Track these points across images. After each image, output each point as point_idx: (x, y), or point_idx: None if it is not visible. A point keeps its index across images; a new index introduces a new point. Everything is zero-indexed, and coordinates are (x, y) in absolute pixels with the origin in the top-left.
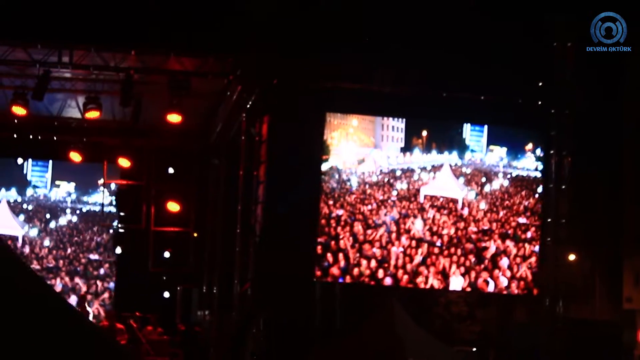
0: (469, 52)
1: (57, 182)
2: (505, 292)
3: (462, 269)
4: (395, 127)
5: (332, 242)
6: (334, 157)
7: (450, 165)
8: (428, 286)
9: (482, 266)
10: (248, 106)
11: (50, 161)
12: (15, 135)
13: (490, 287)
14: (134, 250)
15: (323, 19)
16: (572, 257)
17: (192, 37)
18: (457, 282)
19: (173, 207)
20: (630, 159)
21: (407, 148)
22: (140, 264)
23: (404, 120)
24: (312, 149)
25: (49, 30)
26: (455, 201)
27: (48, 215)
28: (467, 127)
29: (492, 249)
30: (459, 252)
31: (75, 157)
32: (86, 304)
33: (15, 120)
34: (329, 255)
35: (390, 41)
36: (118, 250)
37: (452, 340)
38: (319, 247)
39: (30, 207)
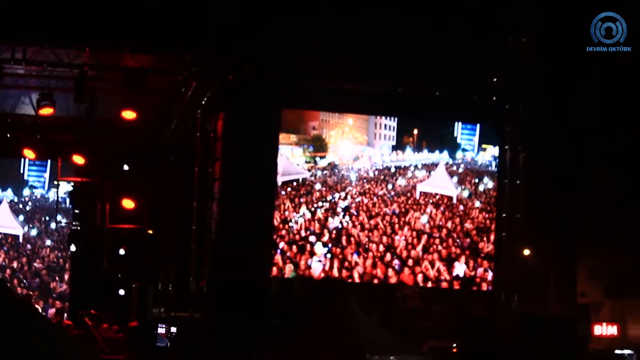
0: (424, 49)
1: (57, 182)
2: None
3: (462, 259)
4: (387, 126)
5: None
6: (331, 154)
7: (446, 164)
8: (434, 272)
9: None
10: (203, 103)
11: (49, 161)
12: None
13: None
14: (89, 248)
15: (279, 14)
16: (526, 252)
17: (146, 34)
18: (460, 269)
19: (128, 204)
20: (584, 154)
21: (398, 146)
22: (95, 262)
23: (396, 119)
24: (267, 146)
25: (2, 26)
26: (450, 198)
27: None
28: (458, 126)
29: (490, 247)
30: (456, 245)
31: (29, 154)
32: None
33: None
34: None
35: (347, 37)
36: (73, 248)
37: (408, 335)
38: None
39: (28, 208)
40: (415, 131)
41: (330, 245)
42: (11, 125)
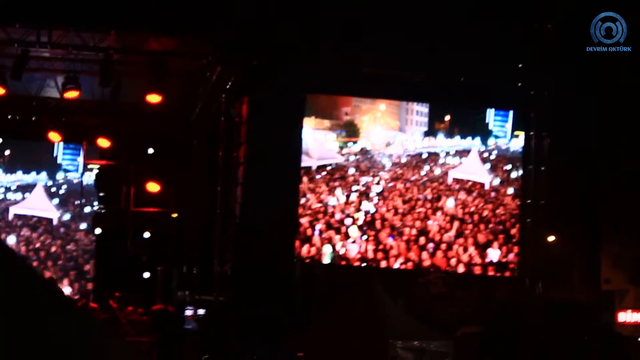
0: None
1: (89, 166)
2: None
3: (496, 245)
4: (419, 112)
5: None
6: (363, 139)
7: (478, 151)
8: (466, 256)
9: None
10: (228, 87)
11: (83, 144)
12: None
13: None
14: (114, 231)
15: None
16: (551, 238)
17: (171, 17)
18: (494, 254)
19: (153, 187)
20: (608, 142)
21: (430, 132)
22: (120, 245)
23: (428, 104)
24: (291, 130)
25: (28, 9)
26: (482, 185)
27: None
28: (490, 113)
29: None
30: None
31: (55, 137)
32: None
33: None
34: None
35: (370, 25)
36: (98, 231)
37: (431, 321)
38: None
39: (61, 192)
40: (447, 117)
41: (365, 228)
42: (36, 109)
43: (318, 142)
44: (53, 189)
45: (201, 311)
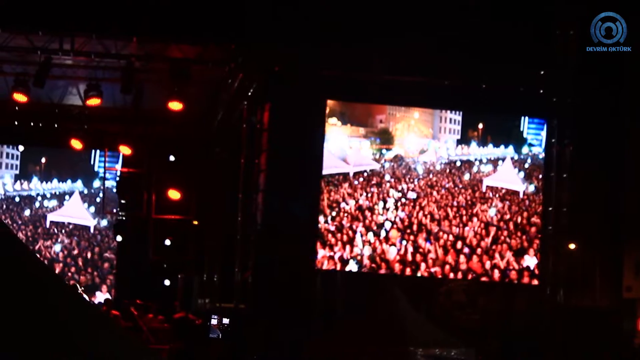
0: (470, 41)
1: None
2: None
3: (532, 252)
4: (452, 120)
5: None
6: (397, 146)
7: (512, 159)
8: (503, 263)
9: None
10: (249, 94)
11: (121, 153)
12: (16, 123)
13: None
14: (135, 238)
15: (326, 5)
16: (572, 246)
17: (193, 24)
18: (530, 261)
19: (174, 195)
20: (632, 148)
21: (463, 140)
22: (141, 252)
23: (461, 112)
24: (313, 137)
25: (51, 17)
26: (517, 193)
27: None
28: (525, 121)
29: None
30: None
31: (77, 144)
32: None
33: (16, 108)
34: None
35: (388, 29)
36: (119, 238)
37: (452, 329)
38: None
39: (98, 200)
40: (480, 125)
41: (403, 232)
42: (59, 116)
43: (354, 149)
44: (89, 197)
45: (226, 320)
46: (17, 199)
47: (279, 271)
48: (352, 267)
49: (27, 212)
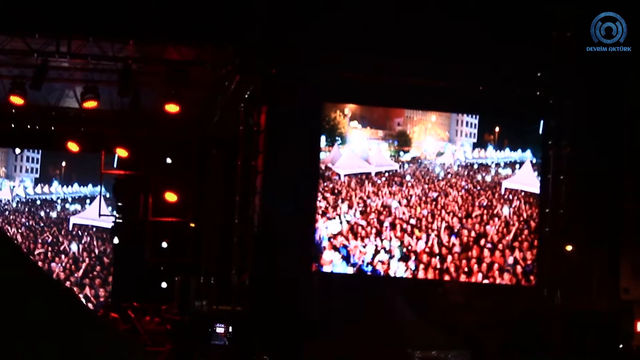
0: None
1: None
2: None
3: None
4: (469, 123)
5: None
6: (414, 149)
7: (531, 162)
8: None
9: None
10: (246, 96)
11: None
12: (12, 125)
13: None
14: (132, 241)
15: (323, 7)
16: (569, 247)
17: (190, 27)
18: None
19: (171, 197)
20: (630, 150)
21: (479, 144)
22: (138, 254)
23: (478, 116)
24: (310, 139)
25: (47, 19)
26: (535, 196)
27: None
28: (542, 124)
29: None
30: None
31: (73, 147)
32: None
33: (13, 110)
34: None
35: (391, 33)
36: (115, 240)
37: (450, 330)
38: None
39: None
40: (497, 129)
41: (428, 227)
42: (55, 119)
43: (374, 150)
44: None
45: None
46: (37, 202)
47: (276, 273)
48: (383, 257)
49: (53, 214)
